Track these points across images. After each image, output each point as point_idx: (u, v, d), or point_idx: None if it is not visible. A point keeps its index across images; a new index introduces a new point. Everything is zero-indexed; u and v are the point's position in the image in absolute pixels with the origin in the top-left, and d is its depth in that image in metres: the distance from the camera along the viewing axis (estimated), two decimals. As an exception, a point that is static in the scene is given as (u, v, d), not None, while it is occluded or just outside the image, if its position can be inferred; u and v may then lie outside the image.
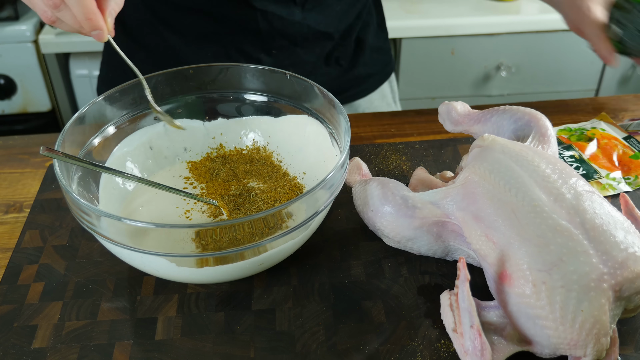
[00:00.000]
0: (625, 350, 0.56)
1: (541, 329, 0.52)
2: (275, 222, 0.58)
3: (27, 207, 0.75)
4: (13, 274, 0.65)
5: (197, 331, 0.59)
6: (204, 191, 0.71)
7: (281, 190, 0.69)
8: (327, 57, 1.01)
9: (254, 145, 0.76)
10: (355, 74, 1.05)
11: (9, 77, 1.74)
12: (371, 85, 1.09)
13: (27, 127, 1.82)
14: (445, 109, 0.75)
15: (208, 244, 0.61)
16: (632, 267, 0.52)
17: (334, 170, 0.59)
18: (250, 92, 0.75)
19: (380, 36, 1.08)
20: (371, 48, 1.05)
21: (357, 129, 0.89)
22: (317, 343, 0.58)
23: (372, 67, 1.07)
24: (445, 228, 0.62)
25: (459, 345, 0.54)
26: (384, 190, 0.64)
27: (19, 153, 0.85)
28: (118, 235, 0.57)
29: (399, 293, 0.62)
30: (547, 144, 0.66)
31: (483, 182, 0.59)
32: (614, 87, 1.94)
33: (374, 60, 1.07)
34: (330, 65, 1.01)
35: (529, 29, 1.79)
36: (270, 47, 0.95)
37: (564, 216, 0.54)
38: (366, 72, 1.06)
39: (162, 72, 0.72)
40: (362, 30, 1.03)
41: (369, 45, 1.04)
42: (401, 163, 0.79)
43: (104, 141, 0.70)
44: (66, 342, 0.58)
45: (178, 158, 0.75)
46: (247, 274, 0.62)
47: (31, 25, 1.68)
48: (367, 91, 1.08)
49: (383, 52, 1.09)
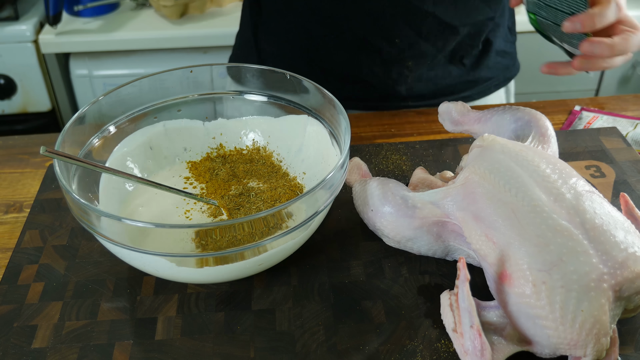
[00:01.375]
0: (625, 350, 0.56)
1: (541, 328, 0.52)
2: (275, 222, 0.58)
3: (27, 207, 0.75)
4: (13, 274, 0.65)
5: (197, 331, 0.59)
6: (204, 191, 0.71)
7: (281, 190, 0.69)
8: (452, 54, 0.97)
9: (254, 145, 0.76)
10: (476, 76, 1.01)
11: (9, 77, 1.74)
12: (488, 89, 1.05)
13: (27, 127, 1.82)
14: (446, 109, 0.75)
15: (208, 244, 0.61)
16: (632, 267, 0.52)
17: (334, 170, 0.59)
18: (250, 92, 0.75)
19: (508, 39, 1.04)
20: (497, 51, 1.02)
21: (357, 129, 0.89)
22: (317, 343, 0.58)
23: (494, 71, 1.03)
24: (445, 228, 0.62)
25: (459, 345, 0.54)
26: (384, 190, 0.64)
27: (19, 153, 0.85)
28: (118, 235, 0.57)
29: (399, 293, 0.62)
30: (547, 144, 0.66)
31: (483, 182, 0.59)
32: (614, 87, 1.93)
33: (497, 63, 1.03)
34: (454, 63, 0.98)
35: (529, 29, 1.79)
36: (393, 36, 0.92)
37: (564, 216, 0.54)
38: (487, 76, 1.03)
39: (162, 72, 0.72)
40: (492, 32, 0.99)
41: (495, 48, 1.01)
42: (401, 163, 0.79)
43: (104, 141, 0.70)
44: (66, 342, 0.58)
45: (178, 158, 0.75)
46: (247, 274, 0.62)
47: (31, 25, 1.68)
48: (483, 94, 1.04)
49: (508, 56, 1.05)
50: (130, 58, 1.74)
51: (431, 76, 0.99)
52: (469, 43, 0.97)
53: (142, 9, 1.77)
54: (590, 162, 0.79)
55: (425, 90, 1.00)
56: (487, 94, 1.05)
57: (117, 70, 1.74)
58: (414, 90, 0.99)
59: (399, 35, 0.92)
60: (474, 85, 1.03)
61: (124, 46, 1.69)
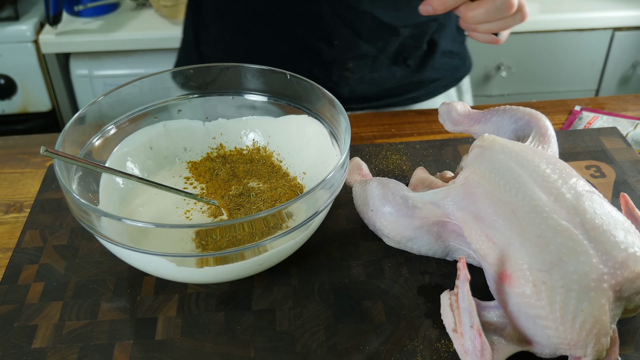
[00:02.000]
0: (625, 350, 0.56)
1: (541, 329, 0.52)
2: (275, 222, 0.58)
3: (27, 207, 0.75)
4: (13, 274, 0.65)
5: (197, 331, 0.59)
6: (204, 191, 0.71)
7: (281, 190, 0.69)
8: (395, 55, 0.96)
9: (254, 145, 0.76)
10: (421, 77, 1.00)
11: (9, 77, 1.74)
12: (436, 90, 1.03)
13: (27, 127, 1.82)
14: (446, 109, 0.75)
15: (208, 244, 0.61)
16: (632, 267, 0.52)
17: (334, 170, 0.59)
18: (250, 92, 0.75)
19: (456, 40, 1.03)
20: (443, 52, 1.00)
21: (357, 129, 0.89)
22: (317, 343, 0.58)
23: (441, 72, 1.02)
24: (446, 228, 0.62)
25: (459, 345, 0.54)
26: (384, 190, 0.64)
27: (19, 153, 0.85)
28: (118, 235, 0.57)
29: (399, 293, 0.62)
30: (547, 144, 0.66)
31: (483, 182, 0.59)
32: (614, 87, 1.94)
33: (444, 64, 1.02)
34: (397, 65, 0.97)
35: (529, 29, 1.79)
36: (332, 37, 0.91)
37: (564, 216, 0.54)
38: (433, 77, 1.01)
39: (162, 71, 0.72)
40: (437, 33, 0.98)
41: (441, 49, 1.00)
42: (401, 163, 0.79)
43: (104, 141, 0.70)
44: (66, 342, 0.58)
45: (178, 158, 0.75)
46: (247, 274, 0.62)
47: (31, 25, 1.68)
48: (430, 95, 1.03)
49: (456, 56, 1.04)
50: (130, 58, 1.74)
51: (374, 78, 0.97)
52: (413, 44, 0.96)
53: (142, 9, 1.77)
54: (591, 162, 0.80)
55: (369, 92, 0.98)
56: (435, 95, 1.04)
57: (117, 70, 1.75)
58: (357, 92, 0.97)
59: (338, 36, 0.91)
60: (420, 86, 1.01)
61: (124, 46, 1.69)
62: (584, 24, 1.78)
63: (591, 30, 1.81)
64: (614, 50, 1.85)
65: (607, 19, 1.78)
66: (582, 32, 1.81)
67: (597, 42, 1.84)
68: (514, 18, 0.73)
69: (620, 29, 1.81)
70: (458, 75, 1.06)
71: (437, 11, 0.73)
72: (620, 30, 1.81)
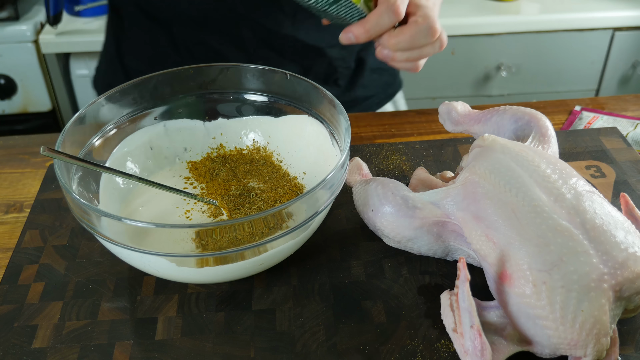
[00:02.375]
0: (625, 350, 0.56)
1: (541, 329, 0.52)
2: (275, 222, 0.58)
3: (27, 207, 0.75)
4: (13, 274, 0.65)
5: (197, 331, 0.59)
6: (204, 191, 0.71)
7: (281, 190, 0.69)
8: (326, 77, 0.96)
9: (254, 145, 0.76)
10: (352, 96, 1.00)
11: (9, 77, 1.74)
12: (370, 107, 1.03)
13: (27, 127, 1.82)
14: (446, 109, 0.75)
15: (208, 244, 0.61)
16: (632, 267, 0.52)
17: (334, 170, 0.59)
18: (251, 92, 0.75)
19: None
20: (371, 69, 1.00)
21: (357, 129, 0.89)
22: (317, 343, 0.58)
23: (371, 89, 1.01)
24: (446, 228, 0.62)
25: (459, 345, 0.54)
26: (384, 190, 0.64)
27: (19, 153, 0.85)
28: (118, 235, 0.57)
29: (399, 293, 0.62)
30: (547, 144, 0.66)
31: (483, 182, 0.59)
32: (614, 87, 1.94)
33: (373, 81, 1.01)
34: (329, 85, 0.97)
35: (529, 29, 1.79)
36: (255, 58, 0.91)
37: (564, 216, 0.54)
38: (365, 95, 1.01)
39: (162, 72, 0.72)
40: (364, 51, 0.98)
41: (369, 66, 0.99)
42: (401, 163, 0.79)
43: (104, 141, 0.70)
44: (66, 342, 0.58)
45: (178, 158, 0.75)
46: (247, 274, 0.62)
47: (31, 25, 1.68)
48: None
49: (386, 72, 1.03)
50: (130, 58, 1.73)
51: None
52: (343, 65, 0.96)
53: (142, 9, 1.77)
54: (591, 162, 0.80)
55: None
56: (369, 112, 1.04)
57: (117, 70, 1.74)
58: None
59: (263, 57, 0.91)
60: (354, 104, 1.01)
61: (124, 46, 1.69)
62: (584, 24, 1.79)
63: (591, 30, 1.81)
64: (614, 50, 1.86)
65: (607, 19, 1.78)
66: (582, 32, 1.81)
67: (597, 42, 1.84)
68: (434, 46, 0.73)
69: (620, 29, 1.81)
70: (390, 91, 1.06)
71: (359, 40, 0.71)
72: (620, 30, 1.82)
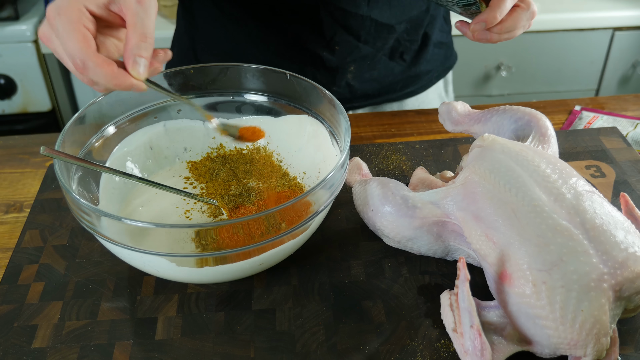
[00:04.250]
0: (625, 350, 0.56)
1: (541, 328, 0.52)
2: (275, 222, 0.58)
3: (27, 207, 0.75)
4: (13, 273, 0.65)
5: (197, 331, 0.59)
6: (204, 191, 0.71)
7: (281, 190, 0.69)
8: (392, 51, 0.98)
9: (254, 145, 0.76)
10: (417, 71, 1.02)
11: (9, 77, 1.74)
12: (429, 82, 1.05)
13: (27, 127, 1.82)
14: (446, 109, 0.75)
15: (208, 243, 0.61)
16: (632, 267, 0.52)
17: (334, 170, 0.59)
18: (250, 92, 0.75)
19: (444, 30, 1.04)
20: (434, 43, 1.02)
21: (357, 129, 0.89)
22: (317, 343, 0.58)
23: (432, 64, 1.03)
24: (446, 228, 0.62)
25: (459, 345, 0.54)
26: (384, 190, 0.64)
27: (19, 153, 0.85)
28: (118, 235, 0.57)
29: (399, 293, 0.62)
30: (547, 143, 0.66)
31: (483, 182, 0.59)
32: (614, 87, 1.94)
33: (435, 55, 1.03)
34: (395, 60, 0.99)
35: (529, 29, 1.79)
36: (333, 43, 0.92)
37: (564, 216, 0.54)
38: (427, 69, 1.03)
39: (162, 72, 0.72)
40: (429, 25, 0.99)
41: (433, 41, 1.01)
42: (401, 163, 0.79)
43: (104, 141, 0.70)
44: (66, 342, 0.58)
45: (178, 158, 0.75)
46: (247, 274, 0.62)
47: (31, 25, 1.68)
48: (424, 88, 1.05)
49: (445, 46, 1.05)
50: (130, 58, 1.74)
51: (374, 76, 0.99)
52: (408, 39, 0.98)
53: (142, 9, 1.77)
54: (591, 162, 0.80)
55: (370, 90, 1.00)
56: (428, 87, 1.06)
57: (117, 70, 1.74)
58: (358, 92, 0.99)
59: (339, 42, 0.92)
60: (417, 79, 1.03)
61: (124, 46, 1.69)
62: (584, 23, 1.78)
63: (591, 30, 1.81)
64: (614, 50, 1.85)
65: (607, 19, 1.78)
66: (582, 32, 1.81)
67: (597, 42, 1.84)
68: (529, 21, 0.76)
69: (620, 28, 1.81)
70: (447, 65, 1.08)
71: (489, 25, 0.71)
72: (620, 30, 1.81)
